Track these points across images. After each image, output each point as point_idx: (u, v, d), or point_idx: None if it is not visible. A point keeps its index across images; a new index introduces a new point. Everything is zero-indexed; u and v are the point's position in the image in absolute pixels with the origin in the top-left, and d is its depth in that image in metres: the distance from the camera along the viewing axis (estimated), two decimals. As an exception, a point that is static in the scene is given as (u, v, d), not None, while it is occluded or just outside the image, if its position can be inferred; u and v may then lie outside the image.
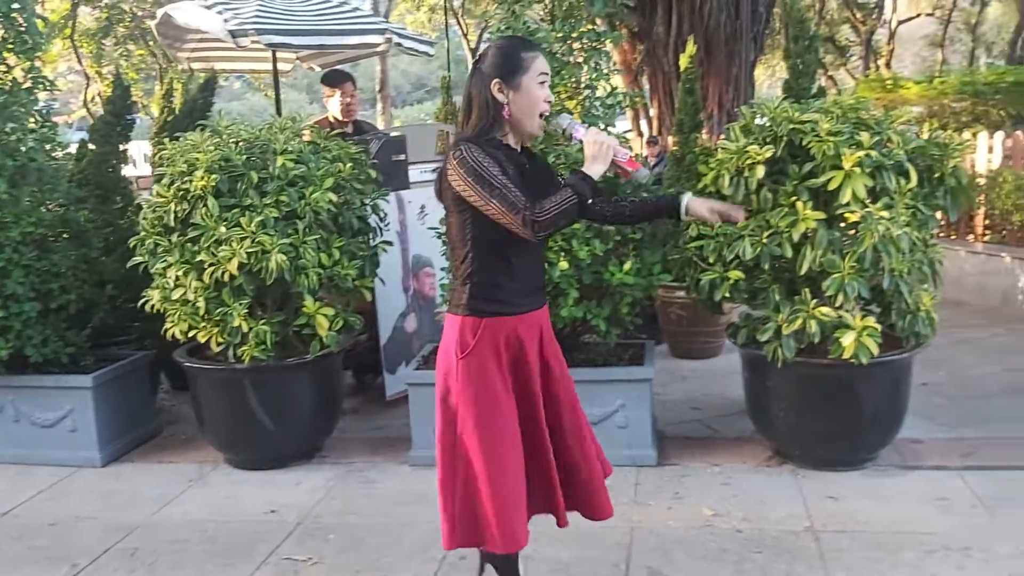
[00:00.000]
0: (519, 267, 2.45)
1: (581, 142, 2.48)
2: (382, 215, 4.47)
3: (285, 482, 4.09)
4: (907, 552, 3.14)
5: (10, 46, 4.37)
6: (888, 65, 23.61)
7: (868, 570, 3.04)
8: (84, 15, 18.96)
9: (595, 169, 2.38)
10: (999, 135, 7.42)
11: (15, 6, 4.35)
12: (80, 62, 18.71)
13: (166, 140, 4.33)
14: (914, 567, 3.05)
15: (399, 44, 6.56)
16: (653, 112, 11.68)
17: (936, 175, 3.81)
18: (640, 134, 13.71)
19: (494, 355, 2.43)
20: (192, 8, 6.28)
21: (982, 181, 7.15)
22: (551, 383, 2.57)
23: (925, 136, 3.85)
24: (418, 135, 5.99)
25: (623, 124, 15.42)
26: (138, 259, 4.12)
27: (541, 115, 2.47)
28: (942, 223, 7.42)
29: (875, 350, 3.54)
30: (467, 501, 2.49)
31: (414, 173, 5.50)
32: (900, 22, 24.90)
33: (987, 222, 7.30)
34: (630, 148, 2.71)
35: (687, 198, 2.67)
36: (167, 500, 3.95)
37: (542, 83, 2.46)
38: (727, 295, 3.85)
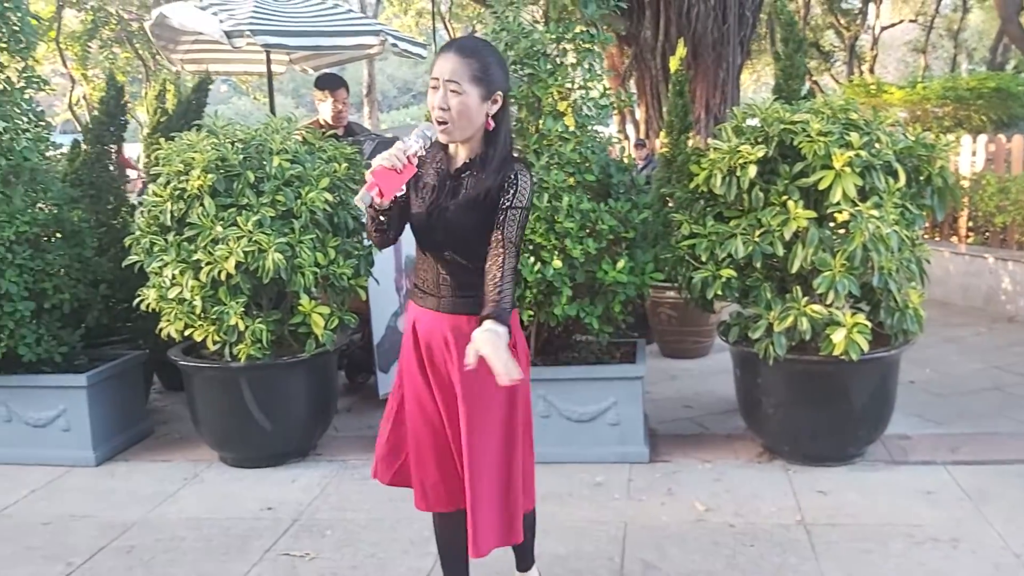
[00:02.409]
0: (420, 265, 2.51)
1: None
2: (376, 215, 4.49)
3: (281, 480, 4.11)
4: (896, 543, 3.20)
5: (3, 45, 4.38)
6: (871, 70, 23.82)
7: (857, 561, 3.10)
8: (69, 17, 18.89)
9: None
10: (982, 138, 7.53)
11: (8, 5, 4.36)
12: (65, 64, 18.61)
13: (160, 140, 4.33)
14: (903, 557, 3.11)
15: (393, 45, 6.58)
16: (640, 116, 11.74)
17: (923, 175, 3.89)
18: (627, 137, 13.77)
19: (411, 332, 2.54)
20: (187, 9, 6.28)
21: (966, 184, 7.25)
22: (443, 394, 2.48)
23: (912, 137, 3.92)
24: (410, 136, 6.01)
25: (612, 127, 15.51)
26: (134, 258, 4.12)
27: (438, 121, 2.31)
28: (927, 225, 7.52)
29: (865, 346, 3.59)
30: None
31: (407, 174, 5.52)
32: (883, 28, 25.13)
33: (970, 224, 7.40)
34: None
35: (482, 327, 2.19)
36: (163, 498, 3.96)
37: (434, 88, 2.31)
38: (719, 293, 3.90)
